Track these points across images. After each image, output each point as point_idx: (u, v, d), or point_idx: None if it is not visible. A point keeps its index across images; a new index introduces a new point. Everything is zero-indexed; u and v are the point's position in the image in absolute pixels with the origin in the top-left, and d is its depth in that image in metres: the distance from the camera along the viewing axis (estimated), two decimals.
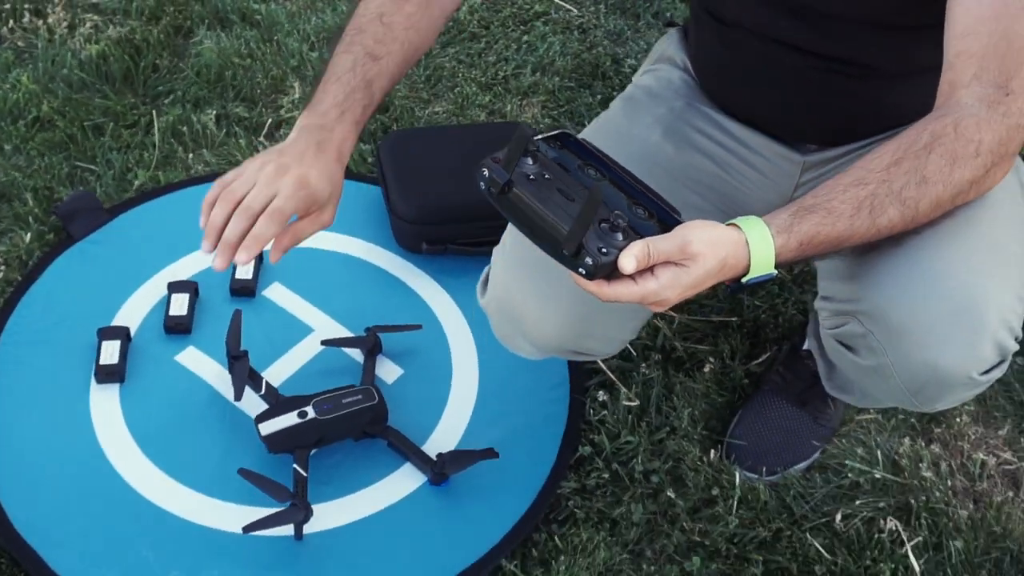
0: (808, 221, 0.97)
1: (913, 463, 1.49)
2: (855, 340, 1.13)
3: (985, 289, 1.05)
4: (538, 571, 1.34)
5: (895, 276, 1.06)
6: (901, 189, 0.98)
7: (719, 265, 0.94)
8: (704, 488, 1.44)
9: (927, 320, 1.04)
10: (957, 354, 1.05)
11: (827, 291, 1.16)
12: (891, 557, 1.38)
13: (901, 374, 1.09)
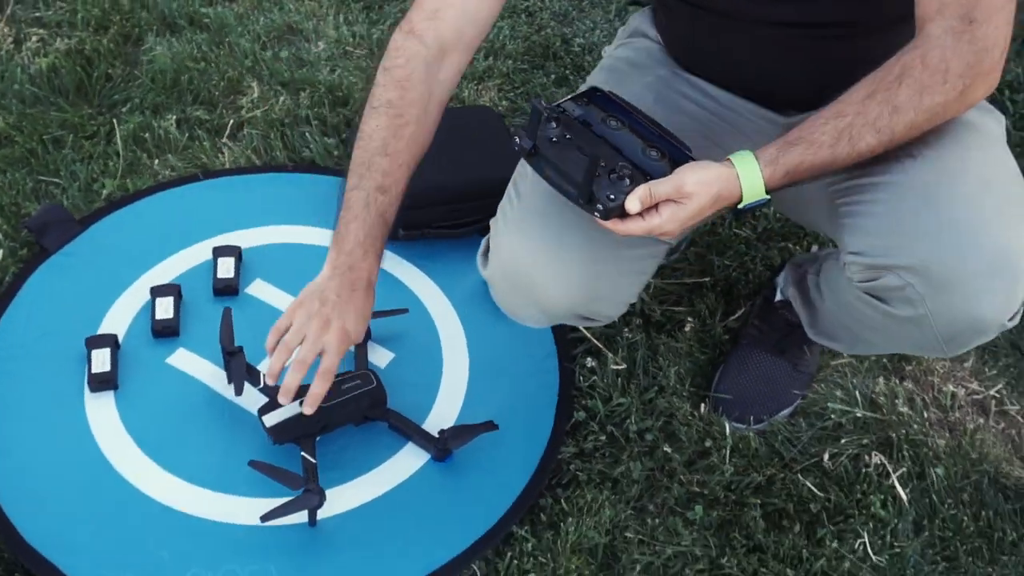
0: (793, 152, 1.11)
1: (889, 400, 1.56)
2: (890, 292, 1.17)
3: (1018, 239, 1.11)
4: (548, 534, 1.38)
5: (936, 231, 1.11)
6: (876, 119, 1.09)
7: (712, 199, 1.11)
8: (697, 441, 1.50)
9: (968, 273, 1.10)
10: (996, 304, 1.11)
11: (858, 247, 1.19)
12: (879, 488, 1.45)
13: (939, 324, 1.15)
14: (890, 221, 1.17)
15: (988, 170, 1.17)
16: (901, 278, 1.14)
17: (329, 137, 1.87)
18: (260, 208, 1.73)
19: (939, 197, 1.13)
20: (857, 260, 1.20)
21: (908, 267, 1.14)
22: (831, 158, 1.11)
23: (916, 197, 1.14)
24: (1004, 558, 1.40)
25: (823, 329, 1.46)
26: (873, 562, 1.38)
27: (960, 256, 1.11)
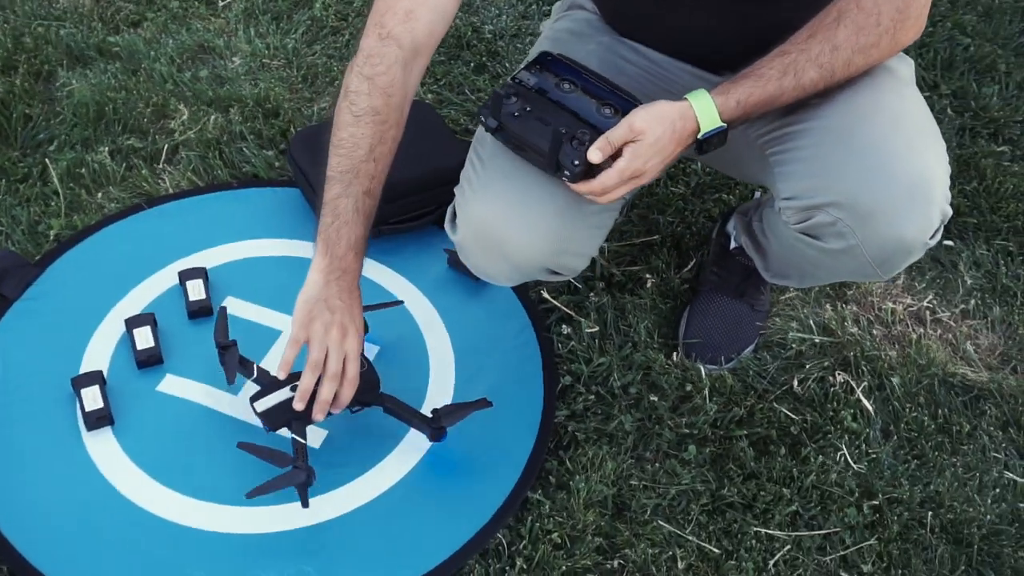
0: (743, 84, 1.23)
1: (840, 324, 1.70)
2: (822, 229, 1.27)
3: (931, 168, 1.23)
4: (560, 495, 1.45)
5: (856, 168, 1.22)
6: (817, 56, 1.22)
7: (669, 130, 1.21)
8: (678, 387, 1.59)
9: (890, 200, 1.21)
10: (916, 226, 1.23)
11: (789, 192, 1.30)
12: (847, 404, 1.58)
13: (870, 250, 1.25)
14: (814, 164, 1.27)
15: (899, 108, 1.28)
16: (830, 215, 1.25)
17: (267, 150, 1.89)
18: (215, 227, 1.74)
19: (855, 136, 1.24)
20: (790, 204, 1.30)
21: (835, 203, 1.24)
22: (778, 90, 1.23)
23: (835, 139, 1.26)
24: (964, 447, 1.55)
25: (775, 270, 1.57)
26: (855, 470, 1.51)
27: (879, 187, 1.22)
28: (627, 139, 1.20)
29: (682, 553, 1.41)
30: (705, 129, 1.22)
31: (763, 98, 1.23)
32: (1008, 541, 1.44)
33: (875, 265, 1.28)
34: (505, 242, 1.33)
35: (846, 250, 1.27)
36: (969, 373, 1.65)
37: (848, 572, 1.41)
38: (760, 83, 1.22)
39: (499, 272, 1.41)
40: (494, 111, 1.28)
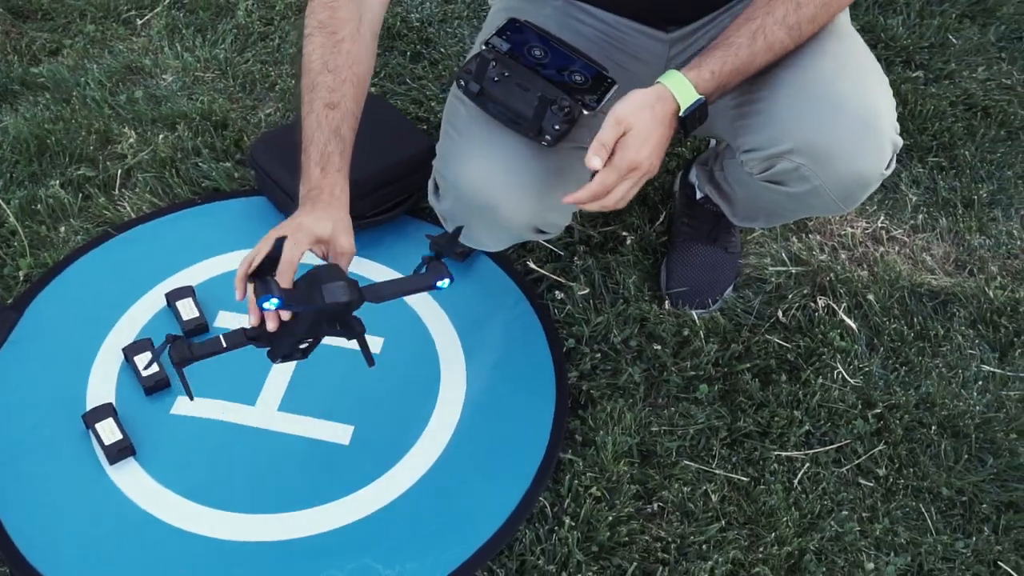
0: (714, 56, 1.25)
1: (808, 253, 1.80)
2: (785, 176, 1.34)
3: (877, 104, 1.31)
4: (589, 451, 1.50)
5: (809, 114, 1.29)
6: (784, 16, 1.26)
7: (650, 115, 1.22)
8: (675, 334, 1.66)
9: (845, 140, 1.28)
10: (871, 159, 1.30)
11: (750, 145, 1.36)
12: (832, 325, 1.68)
13: (832, 188, 1.33)
14: (770, 116, 1.34)
15: (841, 52, 1.35)
16: (791, 161, 1.32)
17: (224, 161, 1.86)
18: (189, 245, 1.71)
19: (805, 84, 1.31)
20: (752, 156, 1.37)
21: (794, 150, 1.31)
22: (750, 56, 1.25)
23: (787, 90, 1.32)
24: (942, 349, 1.67)
25: (742, 215, 1.64)
26: (852, 384, 1.60)
27: (833, 129, 1.29)
28: (618, 135, 1.21)
29: (713, 487, 1.47)
30: (685, 105, 1.23)
31: (736, 66, 1.25)
32: (999, 426, 1.56)
33: (839, 201, 1.35)
34: (493, 205, 1.37)
35: (811, 191, 1.34)
36: (932, 281, 1.77)
37: (865, 478, 1.50)
38: (731, 52, 1.25)
39: (489, 237, 1.44)
40: (478, 76, 1.32)
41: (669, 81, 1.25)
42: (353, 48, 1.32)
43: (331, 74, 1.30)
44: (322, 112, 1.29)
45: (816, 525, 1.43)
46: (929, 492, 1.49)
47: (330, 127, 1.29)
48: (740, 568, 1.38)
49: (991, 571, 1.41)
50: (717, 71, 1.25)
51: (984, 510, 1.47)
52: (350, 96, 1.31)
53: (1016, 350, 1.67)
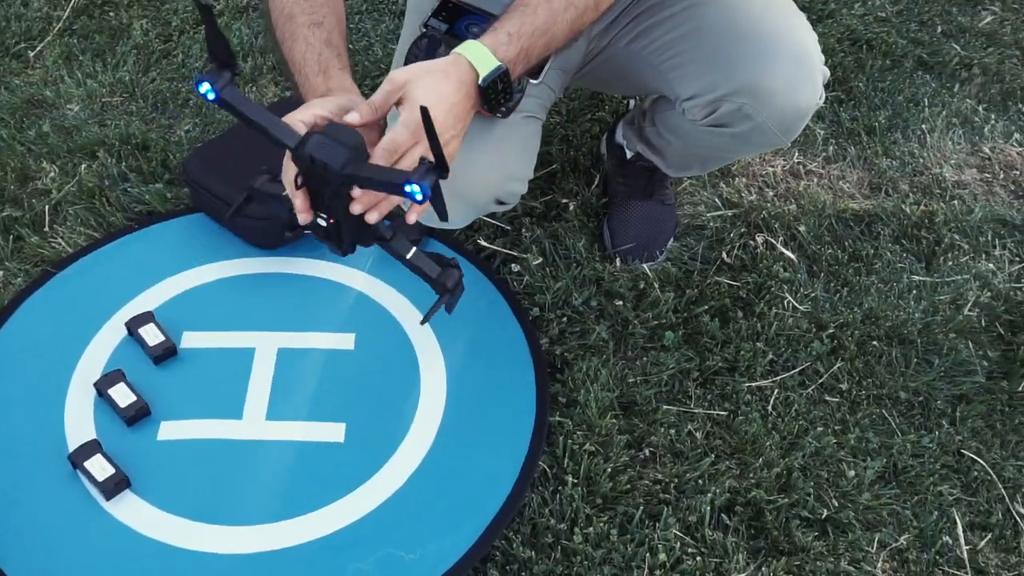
0: (511, 19, 1.20)
1: (738, 195, 1.89)
2: (729, 117, 1.41)
3: (805, 38, 1.39)
4: (575, 411, 1.55)
5: (747, 55, 1.36)
6: None
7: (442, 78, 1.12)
8: (632, 288, 1.72)
9: (783, 76, 1.36)
10: (807, 91, 1.38)
11: (689, 92, 1.42)
12: (773, 259, 1.77)
13: (774, 123, 1.40)
14: (707, 62, 1.40)
15: None
16: (734, 102, 1.39)
17: (154, 183, 1.82)
18: (136, 272, 1.67)
19: (736, 27, 1.38)
20: (694, 103, 1.43)
21: (736, 91, 1.38)
22: (551, 15, 1.19)
23: (718, 34, 1.39)
24: (875, 266, 1.79)
25: (677, 165, 1.71)
26: (802, 311, 1.70)
27: (771, 66, 1.36)
28: (390, 98, 1.12)
29: (695, 426, 1.55)
30: (484, 72, 1.15)
31: (537, 26, 1.19)
32: (938, 328, 1.69)
33: (780, 134, 1.43)
34: (457, 182, 1.38)
35: (754, 128, 1.41)
36: (853, 205, 1.89)
37: (830, 395, 1.60)
38: (528, 12, 1.19)
39: (454, 213, 1.47)
40: (429, 55, 1.34)
41: (465, 49, 1.16)
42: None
43: (306, 2, 1.27)
44: (308, 32, 1.24)
45: (796, 444, 1.53)
46: (889, 398, 1.60)
47: (320, 40, 1.24)
48: (736, 495, 1.46)
49: (957, 459, 1.53)
50: (515, 32, 1.18)
51: (939, 406, 1.60)
52: (332, 19, 1.27)
53: (939, 258, 1.80)
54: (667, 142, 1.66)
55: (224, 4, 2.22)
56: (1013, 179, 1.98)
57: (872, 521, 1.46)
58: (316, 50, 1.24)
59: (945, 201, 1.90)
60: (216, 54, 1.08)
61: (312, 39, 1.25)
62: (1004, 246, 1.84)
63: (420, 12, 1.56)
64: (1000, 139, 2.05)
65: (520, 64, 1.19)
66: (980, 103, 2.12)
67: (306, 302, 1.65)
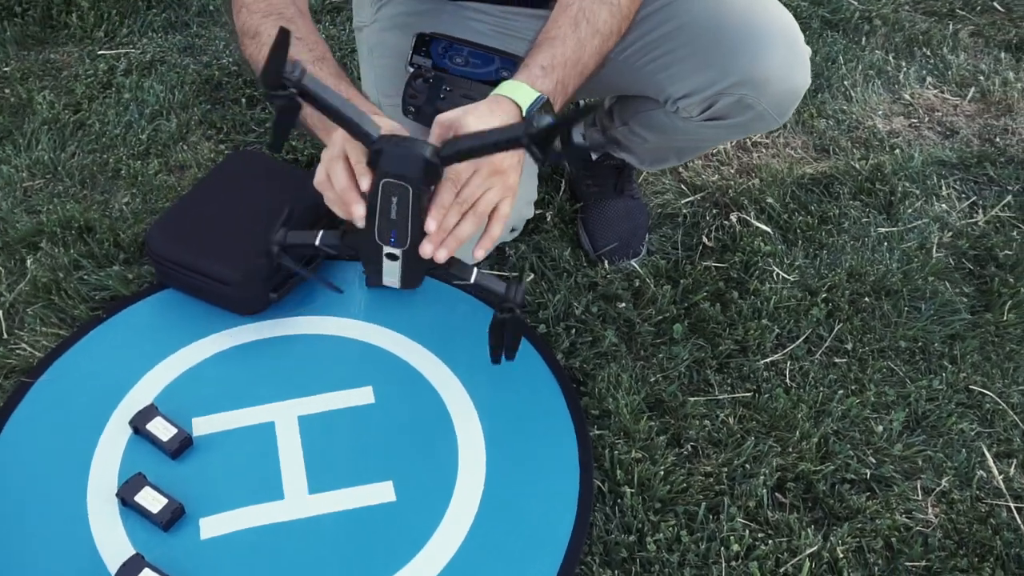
0: (540, 53, 1.20)
1: (700, 178, 1.92)
2: (728, 109, 1.43)
3: (789, 21, 1.42)
4: (609, 420, 1.54)
5: (741, 47, 1.38)
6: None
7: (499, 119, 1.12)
8: (627, 287, 1.73)
9: (777, 62, 1.39)
10: (800, 73, 1.43)
11: (685, 90, 1.43)
12: (751, 234, 1.82)
13: (773, 108, 1.43)
14: (700, 59, 1.42)
15: None
16: (733, 94, 1.41)
17: (111, 265, 1.70)
18: (120, 365, 1.56)
19: (724, 20, 1.40)
20: (690, 101, 1.45)
21: (736, 83, 1.40)
22: (579, 44, 1.21)
23: (707, 30, 1.40)
24: (843, 225, 1.86)
25: (651, 159, 1.73)
26: (791, 280, 1.75)
27: (765, 54, 1.39)
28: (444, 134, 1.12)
29: (727, 412, 1.57)
30: (525, 105, 1.15)
31: (568, 56, 1.20)
32: (917, 275, 1.77)
33: (777, 118, 1.46)
34: None
35: (756, 116, 1.44)
36: (808, 170, 1.96)
37: (839, 356, 1.66)
38: (556, 44, 1.20)
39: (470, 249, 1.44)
40: (431, 99, 1.31)
41: (502, 89, 1.18)
42: (306, 22, 1.28)
43: (301, 40, 1.24)
44: (313, 68, 1.21)
45: (824, 411, 1.57)
46: (891, 349, 1.67)
47: (331, 75, 1.22)
48: (785, 471, 1.50)
49: (967, 396, 1.62)
50: (548, 65, 1.19)
51: (937, 348, 1.68)
52: (329, 53, 1.26)
53: (897, 207, 1.89)
54: (642, 139, 1.67)
55: (127, 63, 2.09)
56: (937, 120, 2.10)
57: (910, 470, 1.52)
58: (330, 84, 1.19)
59: (887, 152, 2.00)
60: None
61: (321, 74, 1.22)
62: (949, 185, 1.95)
63: (388, 49, 1.52)
64: (915, 84, 2.16)
65: (559, 96, 1.18)
66: (888, 52, 2.24)
67: (311, 363, 1.59)
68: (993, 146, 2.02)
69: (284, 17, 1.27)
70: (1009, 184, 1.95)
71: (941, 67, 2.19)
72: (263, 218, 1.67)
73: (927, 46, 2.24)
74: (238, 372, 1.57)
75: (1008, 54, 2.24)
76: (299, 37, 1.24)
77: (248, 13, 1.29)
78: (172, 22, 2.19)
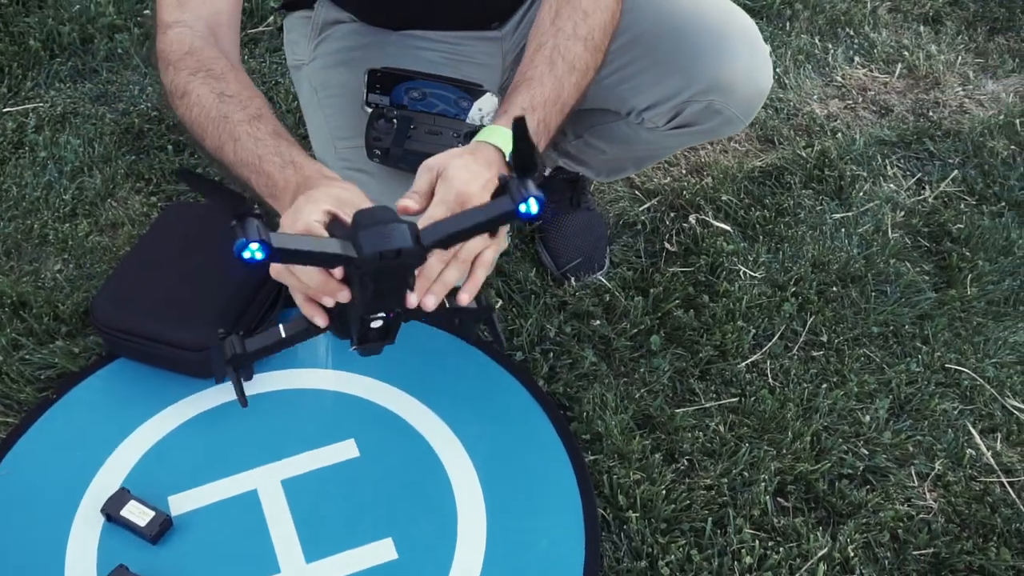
0: (518, 96, 1.16)
1: (651, 182, 1.90)
2: (695, 116, 1.39)
3: (746, 21, 1.39)
4: (602, 443, 1.51)
5: (703, 53, 1.34)
6: (574, 29, 1.20)
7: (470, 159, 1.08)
8: (597, 303, 1.70)
9: (741, 64, 1.36)
10: (764, 71, 1.40)
11: (649, 101, 1.39)
12: (711, 234, 1.80)
13: (741, 111, 1.40)
14: (663, 68, 1.38)
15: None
16: (701, 101, 1.38)
17: (53, 341, 1.58)
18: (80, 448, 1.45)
19: (684, 27, 1.36)
20: (656, 112, 1.41)
21: (703, 90, 1.37)
22: (557, 84, 1.16)
23: (667, 38, 1.36)
24: (799, 216, 1.86)
25: (608, 170, 1.69)
26: (758, 277, 1.74)
27: (729, 58, 1.36)
28: (431, 180, 1.07)
29: (716, 420, 1.55)
30: (508, 150, 1.05)
31: (547, 96, 1.16)
32: (878, 258, 1.79)
33: (744, 119, 1.43)
34: None
35: (725, 121, 1.41)
36: (757, 163, 1.95)
37: (816, 350, 1.66)
38: (534, 85, 1.16)
39: None
40: (398, 140, 1.25)
41: (483, 135, 1.14)
42: (238, 76, 1.19)
43: (233, 98, 1.15)
44: (250, 128, 1.12)
45: (811, 407, 1.57)
46: (865, 336, 1.68)
47: (268, 133, 1.12)
48: (783, 474, 1.49)
49: (945, 375, 1.63)
50: (528, 108, 1.15)
51: (908, 330, 1.69)
52: (264, 104, 1.16)
53: (847, 192, 1.90)
54: (599, 151, 1.63)
55: (37, 119, 1.96)
56: (870, 99, 2.12)
57: (902, 457, 1.53)
58: (269, 145, 1.12)
59: (830, 137, 2.01)
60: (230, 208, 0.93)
61: (259, 134, 1.13)
62: (893, 164, 1.97)
63: (337, 88, 1.44)
64: (845, 65, 2.18)
65: (542, 136, 1.13)
66: (814, 36, 2.25)
67: (286, 421, 1.50)
68: (928, 120, 2.05)
69: (213, 73, 1.18)
70: (949, 157, 1.98)
71: (867, 45, 2.21)
72: (212, 272, 1.59)
73: (849, 25, 2.27)
74: (210, 440, 1.48)
75: (927, 27, 2.28)
76: (230, 95, 1.15)
77: (175, 71, 1.19)
78: (79, 70, 2.06)
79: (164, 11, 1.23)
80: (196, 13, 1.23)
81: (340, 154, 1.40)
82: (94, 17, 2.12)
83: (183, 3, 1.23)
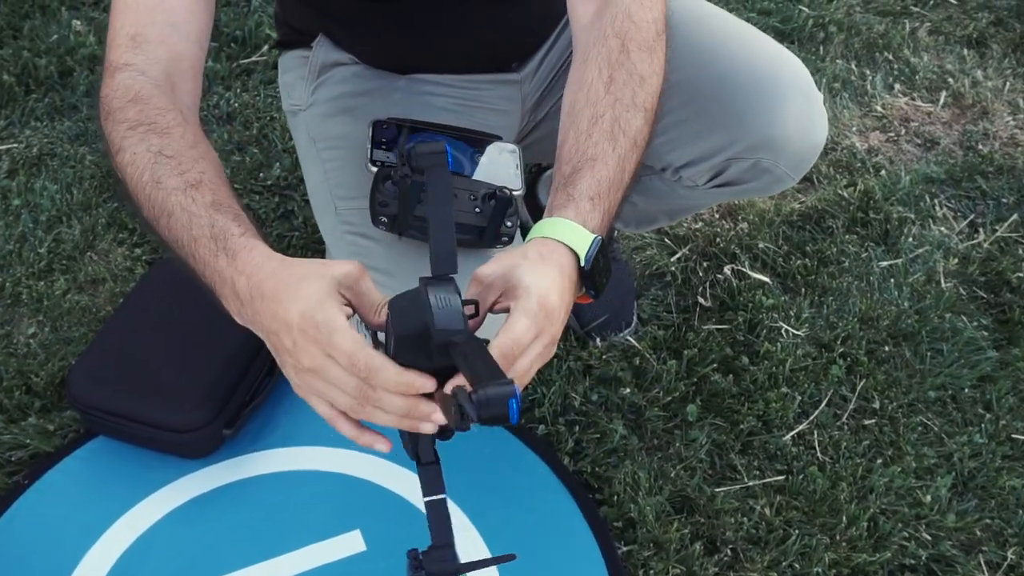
0: (581, 180, 0.97)
1: (681, 228, 1.74)
2: (741, 174, 1.24)
3: (798, 67, 1.23)
4: (635, 532, 1.36)
5: (751, 106, 1.19)
6: (632, 98, 1.02)
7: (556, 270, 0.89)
8: (626, 367, 1.54)
9: (795, 118, 1.20)
10: (821, 125, 1.24)
11: (688, 157, 1.25)
12: (749, 286, 1.64)
13: (791, 168, 1.24)
14: (704, 122, 1.21)
15: (731, 31, 1.25)
16: (748, 159, 1.22)
17: (25, 418, 1.43)
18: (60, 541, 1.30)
19: (729, 74, 1.20)
20: (695, 170, 1.26)
21: (749, 147, 1.21)
22: (620, 163, 0.99)
23: (709, 88, 1.20)
24: (843, 264, 1.70)
25: (638, 222, 1.53)
26: (802, 336, 1.59)
27: (782, 110, 1.20)
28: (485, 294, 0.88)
29: (761, 502, 1.40)
30: (583, 252, 0.91)
31: (612, 179, 0.97)
32: (932, 312, 1.63)
33: (794, 175, 1.28)
34: None
35: (775, 179, 1.26)
36: (796, 205, 1.79)
37: (868, 418, 1.50)
38: (599, 167, 0.97)
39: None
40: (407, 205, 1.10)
41: (547, 230, 0.92)
42: (186, 132, 0.98)
43: (171, 160, 0.94)
44: (184, 198, 0.91)
45: (866, 486, 1.41)
46: (921, 402, 1.53)
47: (204, 205, 0.91)
48: (840, 566, 1.33)
49: (1011, 447, 1.48)
50: (595, 195, 0.95)
51: (968, 395, 1.54)
52: (209, 167, 0.96)
53: (894, 235, 1.75)
54: (628, 203, 1.47)
55: (11, 161, 1.80)
56: (914, 131, 1.97)
57: (968, 543, 1.37)
58: (204, 222, 0.90)
59: (872, 175, 1.85)
60: None
61: (194, 207, 0.91)
62: (943, 204, 1.81)
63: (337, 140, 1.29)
64: (884, 93, 2.03)
65: (606, 227, 0.94)
66: (849, 61, 2.09)
67: (284, 510, 1.35)
68: (978, 155, 1.89)
69: (156, 128, 0.97)
70: (1004, 196, 1.82)
71: (907, 71, 2.06)
72: (202, 343, 1.44)
73: (888, 49, 2.11)
74: (200, 533, 1.33)
75: (971, 50, 2.12)
76: (169, 155, 0.95)
77: (113, 124, 0.99)
78: (57, 107, 1.90)
79: (114, 52, 1.05)
80: (152, 56, 1.04)
81: (342, 216, 1.25)
82: (73, 48, 1.97)
83: (138, 44, 1.04)
